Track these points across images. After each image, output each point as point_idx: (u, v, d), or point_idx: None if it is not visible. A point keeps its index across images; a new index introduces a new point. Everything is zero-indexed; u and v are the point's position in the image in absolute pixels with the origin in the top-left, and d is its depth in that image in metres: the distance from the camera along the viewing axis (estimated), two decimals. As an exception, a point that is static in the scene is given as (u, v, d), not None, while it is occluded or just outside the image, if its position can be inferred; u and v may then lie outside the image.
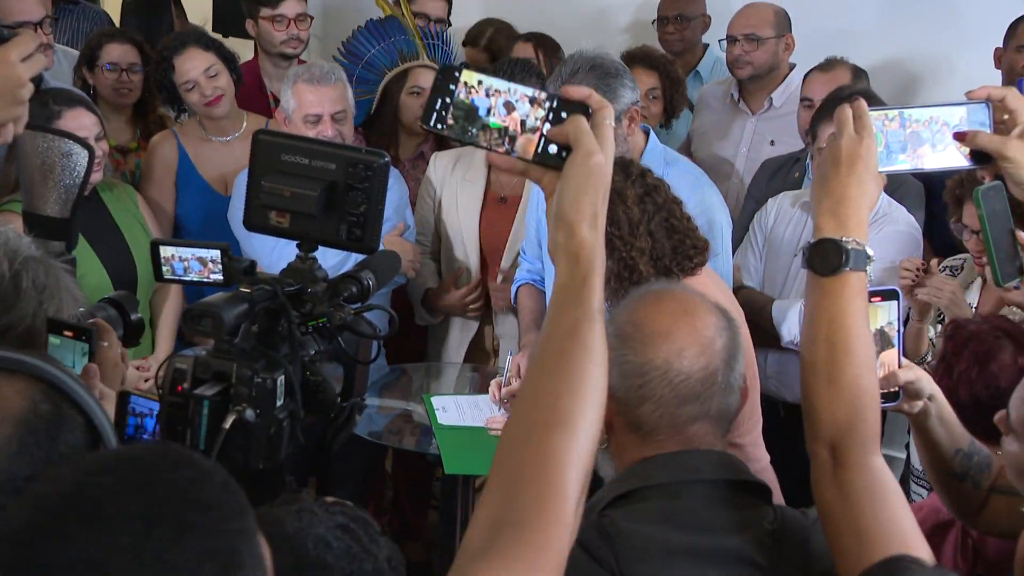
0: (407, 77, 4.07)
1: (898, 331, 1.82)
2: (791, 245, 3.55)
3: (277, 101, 4.23)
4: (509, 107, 1.34)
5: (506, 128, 1.34)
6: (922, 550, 1.49)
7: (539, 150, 1.32)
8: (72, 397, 1.40)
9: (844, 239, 1.57)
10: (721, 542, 1.60)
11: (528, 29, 4.78)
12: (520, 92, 1.33)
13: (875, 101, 2.88)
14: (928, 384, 1.85)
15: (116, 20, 5.21)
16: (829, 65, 3.91)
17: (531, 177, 1.34)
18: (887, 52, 4.57)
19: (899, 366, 1.82)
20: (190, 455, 1.08)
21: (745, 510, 1.64)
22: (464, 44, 4.93)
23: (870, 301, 1.72)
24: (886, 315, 1.79)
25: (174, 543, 0.99)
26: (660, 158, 3.29)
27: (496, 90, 1.34)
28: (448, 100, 1.35)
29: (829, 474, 1.55)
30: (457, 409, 3.20)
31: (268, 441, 1.62)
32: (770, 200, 3.70)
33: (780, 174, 3.93)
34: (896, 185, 3.52)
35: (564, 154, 1.30)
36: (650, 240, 2.64)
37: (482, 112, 1.34)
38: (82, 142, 2.34)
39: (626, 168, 2.67)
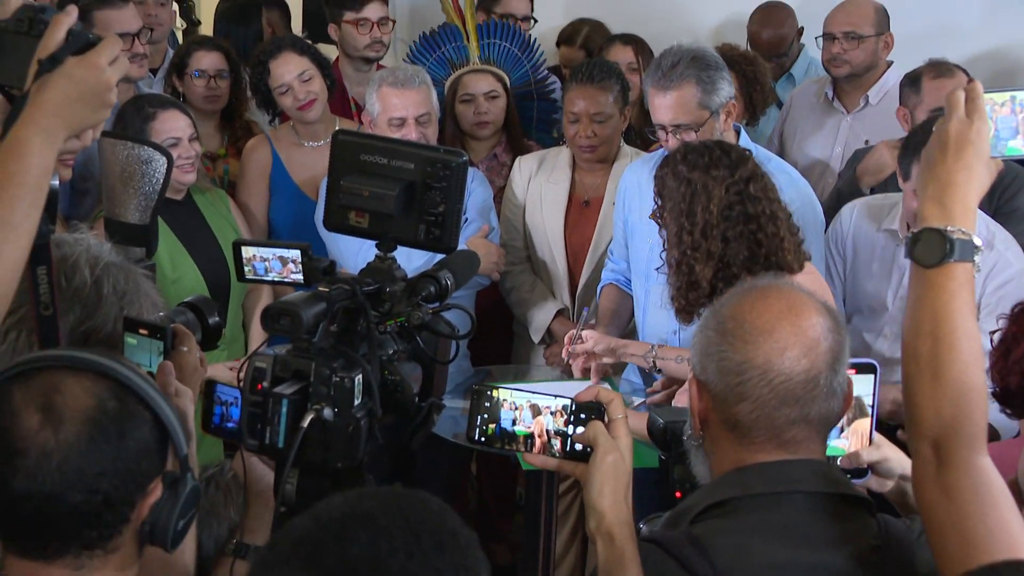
0: (459, 85, 4.08)
1: (872, 405, 1.76)
2: (880, 283, 3.30)
3: (358, 105, 4.29)
4: (535, 411, 1.66)
5: (532, 434, 1.66)
6: None
7: (568, 449, 1.64)
8: (139, 394, 1.43)
9: (949, 228, 1.49)
10: (823, 558, 1.53)
11: (614, 30, 4.78)
12: (542, 403, 1.66)
13: None
14: (899, 464, 1.76)
15: (208, 29, 5.33)
16: (948, 72, 3.71)
17: (565, 471, 1.66)
18: (984, 47, 4.43)
19: (870, 442, 1.76)
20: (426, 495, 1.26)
21: (847, 523, 1.57)
22: (558, 44, 4.93)
23: None
24: (861, 387, 1.74)
25: (438, 553, 1.17)
26: (758, 156, 3.26)
27: (519, 404, 1.67)
28: (485, 416, 1.68)
29: (932, 473, 1.48)
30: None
31: (346, 440, 1.63)
32: (845, 210, 3.43)
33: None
34: (1011, 177, 3.38)
35: (589, 449, 1.61)
36: (722, 245, 2.60)
37: (507, 424, 1.67)
38: (161, 149, 2.40)
39: (733, 169, 2.62)
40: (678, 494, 1.91)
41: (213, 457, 2.61)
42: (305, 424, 1.58)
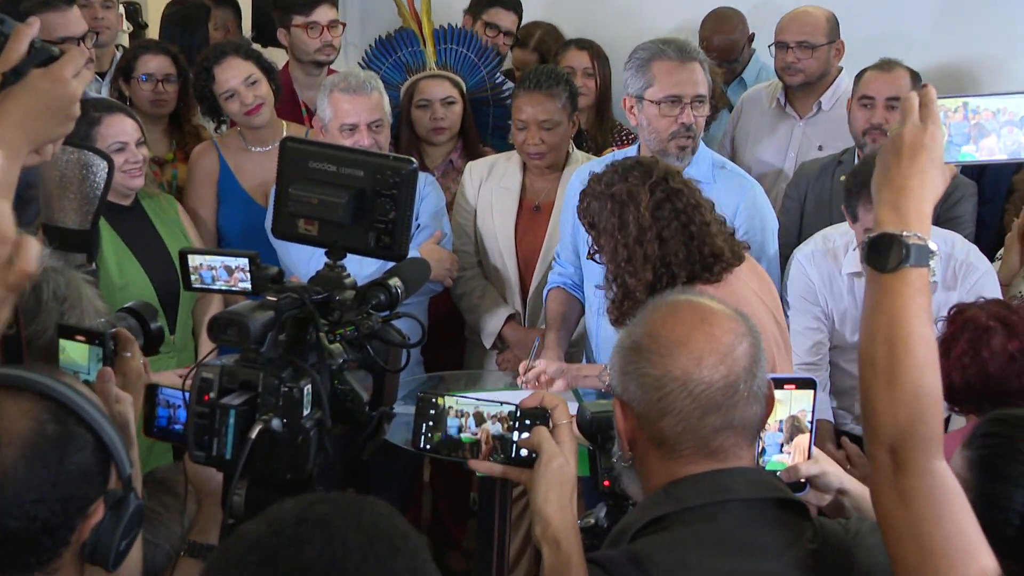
0: (415, 90, 4.06)
1: (810, 420, 1.78)
2: (852, 316, 3.34)
3: (309, 110, 4.26)
4: (479, 419, 1.68)
5: (479, 441, 1.68)
6: (987, 559, 1.44)
7: (513, 455, 1.66)
8: (80, 415, 1.39)
9: (905, 233, 1.50)
10: (762, 566, 1.53)
11: (567, 34, 4.79)
12: (487, 410, 1.68)
13: None
14: (837, 478, 1.79)
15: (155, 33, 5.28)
16: (888, 65, 3.82)
17: (511, 476, 1.69)
18: (938, 55, 4.48)
19: (808, 456, 1.78)
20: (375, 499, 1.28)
21: (784, 529, 1.57)
22: (512, 47, 4.93)
23: (783, 387, 1.71)
24: (800, 403, 1.76)
25: (392, 556, 1.18)
26: (709, 160, 3.31)
27: (464, 412, 1.69)
28: (431, 423, 1.70)
29: (889, 479, 1.48)
30: None
31: (295, 451, 1.61)
32: (801, 261, 3.43)
33: (824, 178, 3.85)
34: (954, 186, 3.43)
35: (534, 455, 1.63)
36: (658, 246, 2.62)
37: (453, 431, 1.69)
38: (102, 153, 2.35)
39: (648, 172, 2.65)
40: (606, 483, 1.95)
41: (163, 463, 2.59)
42: (253, 435, 1.56)
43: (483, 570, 3.19)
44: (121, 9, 4.68)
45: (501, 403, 1.68)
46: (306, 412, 1.60)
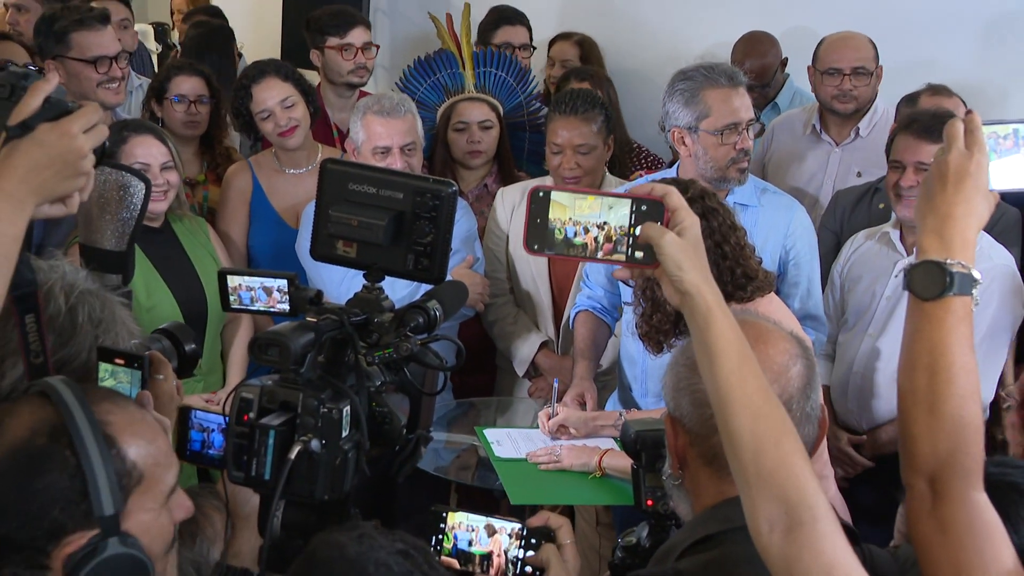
0: (452, 112, 4.07)
1: None
2: (870, 282, 3.43)
3: (340, 131, 4.28)
4: (491, 530, 1.74)
5: (490, 553, 1.74)
6: None
7: (519, 572, 1.73)
8: (71, 438, 1.36)
9: (948, 261, 1.49)
10: None
11: (608, 59, 4.85)
12: (498, 524, 1.74)
13: None
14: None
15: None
16: (939, 90, 3.78)
17: None
18: (975, 81, 4.44)
19: None
20: None
21: None
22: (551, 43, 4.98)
23: None
24: None
25: None
26: (751, 184, 3.30)
27: (474, 526, 1.75)
28: (440, 537, 1.77)
29: (928, 508, 1.48)
30: (511, 442, 3.17)
31: (333, 472, 1.60)
32: (844, 245, 3.57)
33: (862, 206, 3.81)
34: (996, 217, 3.41)
35: (539, 573, 1.70)
36: None
37: (463, 545, 1.76)
38: (139, 175, 2.36)
39: (685, 189, 2.64)
40: (649, 502, 1.96)
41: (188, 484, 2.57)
42: (293, 456, 1.55)
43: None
44: (139, 27, 4.71)
45: (508, 521, 1.77)
46: (344, 434, 1.59)
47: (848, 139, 4.24)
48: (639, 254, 1.47)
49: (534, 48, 4.87)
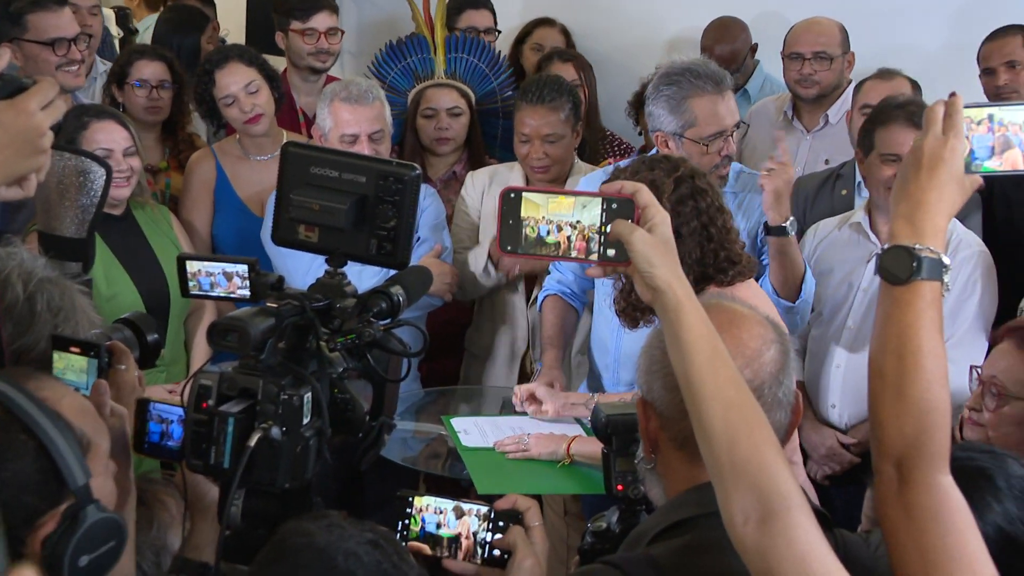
0: (422, 98, 4.04)
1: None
2: (844, 274, 3.38)
3: (306, 115, 4.24)
4: (459, 512, 1.74)
5: (458, 535, 1.73)
6: (989, 573, 1.43)
7: (487, 556, 1.71)
8: (23, 422, 1.34)
9: (918, 247, 1.50)
10: None
11: (580, 43, 4.79)
12: (466, 507, 1.74)
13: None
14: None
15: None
16: (888, 74, 3.79)
17: None
18: (948, 68, 4.43)
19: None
20: None
21: None
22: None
23: None
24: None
25: None
26: (735, 169, 3.28)
27: (442, 508, 1.75)
28: (406, 522, 1.76)
29: (894, 492, 1.48)
30: (478, 430, 3.14)
31: (295, 459, 1.58)
32: (807, 233, 3.50)
33: (824, 193, 3.80)
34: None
35: (506, 556, 1.70)
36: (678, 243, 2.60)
37: (431, 528, 1.75)
38: (100, 160, 2.32)
39: (675, 167, 2.62)
40: (619, 487, 1.96)
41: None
42: (252, 444, 1.52)
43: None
44: (103, 12, 4.65)
45: (476, 504, 1.75)
46: (306, 420, 1.57)
47: (818, 126, 4.24)
48: (611, 251, 1.49)
49: (498, 32, 4.82)
